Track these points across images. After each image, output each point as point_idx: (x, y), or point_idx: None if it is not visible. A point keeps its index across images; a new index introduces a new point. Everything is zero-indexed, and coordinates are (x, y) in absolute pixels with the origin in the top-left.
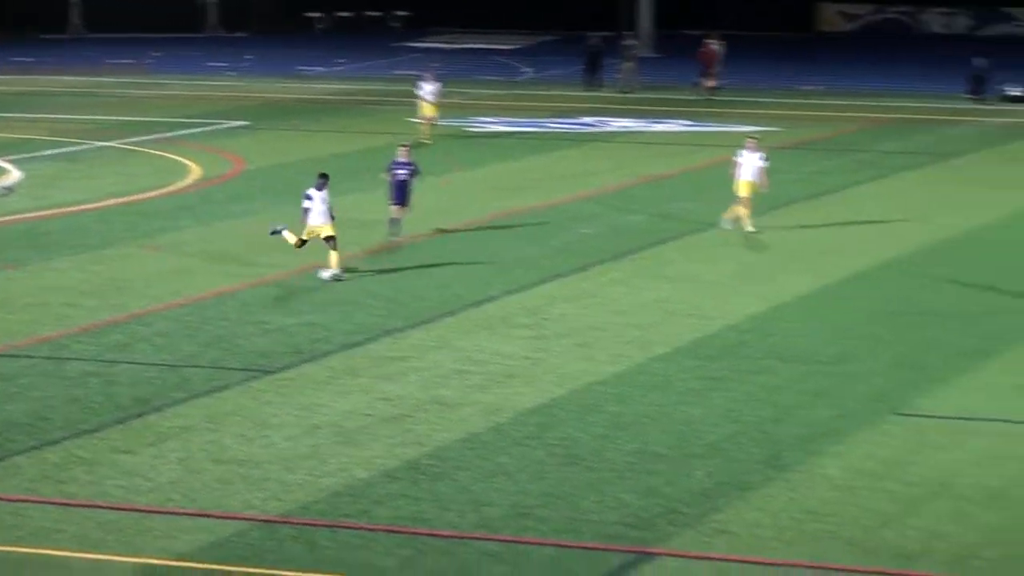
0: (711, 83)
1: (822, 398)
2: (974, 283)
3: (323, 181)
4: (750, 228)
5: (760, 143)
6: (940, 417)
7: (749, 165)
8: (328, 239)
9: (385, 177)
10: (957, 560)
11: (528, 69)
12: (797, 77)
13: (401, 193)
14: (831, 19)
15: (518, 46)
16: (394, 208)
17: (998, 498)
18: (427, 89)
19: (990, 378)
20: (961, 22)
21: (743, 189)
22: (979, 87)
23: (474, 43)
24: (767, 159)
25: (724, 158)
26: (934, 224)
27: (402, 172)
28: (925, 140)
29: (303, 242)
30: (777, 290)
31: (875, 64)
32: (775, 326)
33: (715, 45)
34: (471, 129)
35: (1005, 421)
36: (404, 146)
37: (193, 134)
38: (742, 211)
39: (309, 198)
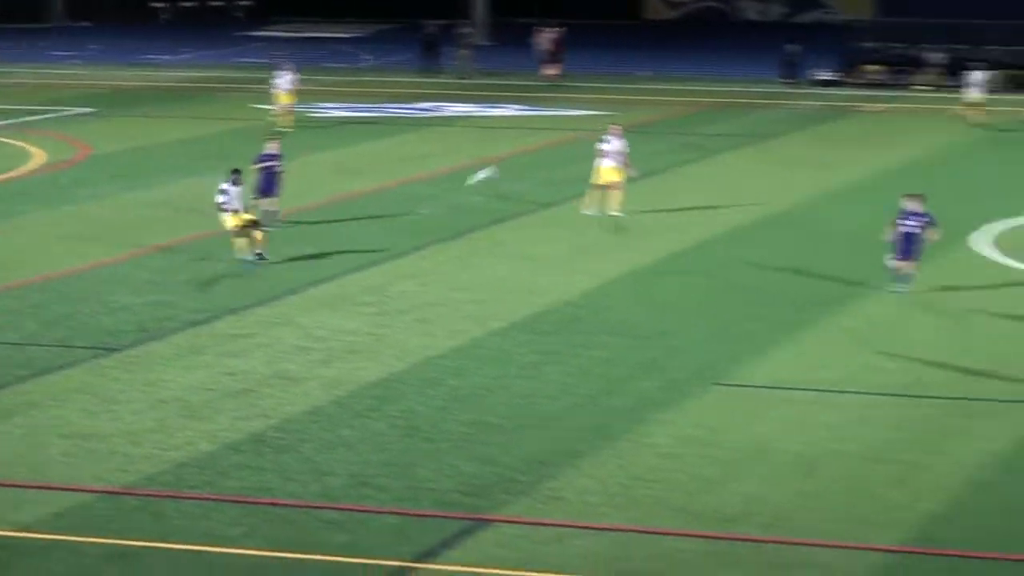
0: (552, 70)
1: (649, 370)
2: (790, 259)
3: (237, 176)
4: (613, 212)
5: (624, 129)
6: (757, 387)
7: (612, 152)
8: (250, 224)
9: (256, 168)
10: (774, 523)
11: (368, 56)
12: (626, 63)
13: (272, 184)
14: (656, 7)
15: (358, 34)
16: (266, 200)
17: (810, 464)
18: (285, 78)
19: (803, 350)
20: (775, 10)
21: (607, 175)
22: (792, 72)
23: (315, 32)
24: (627, 145)
25: (558, 140)
26: (754, 203)
27: (273, 164)
28: (744, 123)
29: (248, 224)
30: (608, 267)
31: (697, 50)
32: (606, 302)
33: (554, 33)
34: (314, 115)
35: (816, 390)
36: (274, 139)
37: (38, 121)
38: (609, 196)
39: (225, 192)
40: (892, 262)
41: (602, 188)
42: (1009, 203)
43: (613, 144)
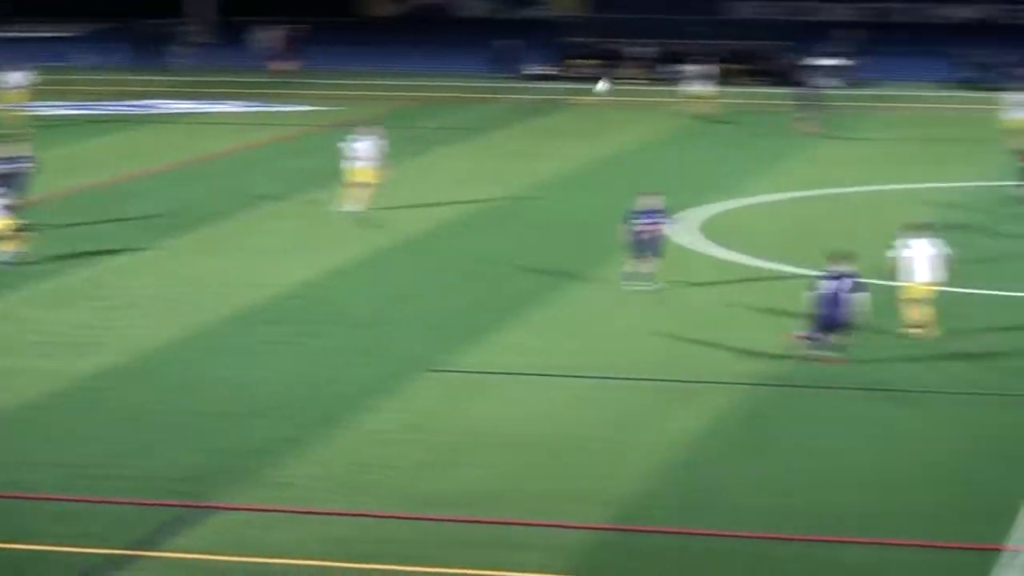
0: (283, 66)
1: (369, 358)
2: (509, 249)
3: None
4: (356, 208)
5: (381, 128)
6: (471, 372)
7: (366, 150)
8: (17, 228)
9: (6, 170)
10: (490, 504)
11: (89, 55)
12: (352, 60)
13: (19, 184)
14: (379, 4)
15: (79, 33)
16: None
17: (521, 444)
18: (14, 78)
19: (514, 337)
20: (491, 6)
21: (363, 175)
22: (506, 67)
23: (34, 31)
24: (383, 143)
25: (284, 135)
26: (473, 194)
27: (24, 164)
28: (464, 117)
29: (17, 227)
30: (330, 258)
31: (418, 46)
32: (327, 293)
33: (287, 30)
34: (35, 113)
35: (529, 375)
36: (22, 140)
37: None
38: (360, 193)
39: None
40: (630, 263)
41: (356, 186)
42: (715, 191)
43: (368, 144)
